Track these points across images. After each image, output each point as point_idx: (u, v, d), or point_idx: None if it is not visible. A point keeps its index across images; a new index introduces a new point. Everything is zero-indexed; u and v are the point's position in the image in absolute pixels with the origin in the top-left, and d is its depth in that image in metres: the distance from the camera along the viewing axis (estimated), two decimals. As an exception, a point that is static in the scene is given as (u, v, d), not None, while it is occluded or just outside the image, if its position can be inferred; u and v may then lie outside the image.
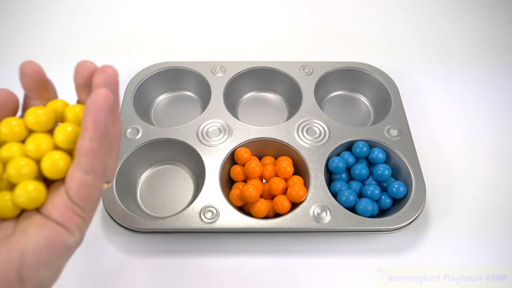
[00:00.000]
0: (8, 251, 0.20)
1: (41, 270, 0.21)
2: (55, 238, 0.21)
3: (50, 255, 0.21)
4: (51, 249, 0.21)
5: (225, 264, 0.41)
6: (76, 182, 0.21)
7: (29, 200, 0.21)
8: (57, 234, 0.21)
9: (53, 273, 0.22)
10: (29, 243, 0.20)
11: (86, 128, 0.21)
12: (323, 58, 0.61)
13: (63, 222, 0.21)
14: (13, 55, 0.61)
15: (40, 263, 0.20)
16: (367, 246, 0.42)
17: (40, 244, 0.20)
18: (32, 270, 0.20)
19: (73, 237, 0.22)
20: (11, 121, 0.23)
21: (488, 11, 0.69)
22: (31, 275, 0.20)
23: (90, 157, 0.21)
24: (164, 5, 0.69)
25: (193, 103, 0.54)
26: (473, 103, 0.56)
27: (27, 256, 0.20)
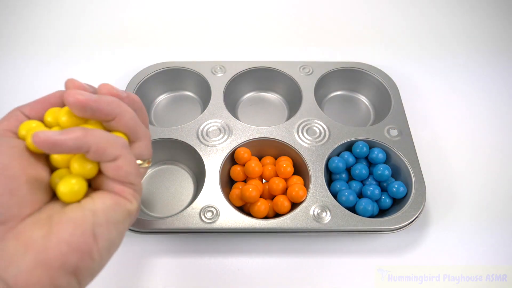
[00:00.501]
0: (83, 211, 0.23)
1: (110, 228, 0.23)
2: (118, 202, 0.24)
3: (116, 215, 0.24)
4: (116, 210, 0.24)
5: (225, 264, 0.41)
6: (110, 169, 0.24)
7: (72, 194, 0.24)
8: (118, 199, 0.24)
9: (119, 234, 0.24)
10: (98, 205, 0.23)
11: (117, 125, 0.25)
12: (323, 58, 0.61)
13: (119, 192, 0.24)
14: (13, 54, 0.61)
15: (109, 222, 0.23)
16: (367, 246, 0.42)
17: (107, 206, 0.23)
18: (103, 228, 0.23)
19: (132, 204, 0.25)
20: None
21: (491, 12, 0.69)
22: (102, 232, 0.23)
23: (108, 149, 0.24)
24: (164, 5, 0.69)
25: (193, 103, 0.54)
26: (473, 103, 0.56)
27: (98, 215, 0.23)
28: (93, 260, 0.22)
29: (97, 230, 0.22)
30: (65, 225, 0.22)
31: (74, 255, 0.21)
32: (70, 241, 0.21)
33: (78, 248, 0.22)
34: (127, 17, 0.67)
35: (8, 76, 0.58)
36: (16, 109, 0.26)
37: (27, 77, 0.58)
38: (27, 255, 0.21)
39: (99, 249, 0.23)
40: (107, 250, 0.23)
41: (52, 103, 0.27)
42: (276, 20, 0.68)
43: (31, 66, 0.59)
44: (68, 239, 0.21)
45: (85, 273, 0.22)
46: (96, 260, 0.23)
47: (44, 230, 0.21)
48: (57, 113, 0.26)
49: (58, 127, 0.26)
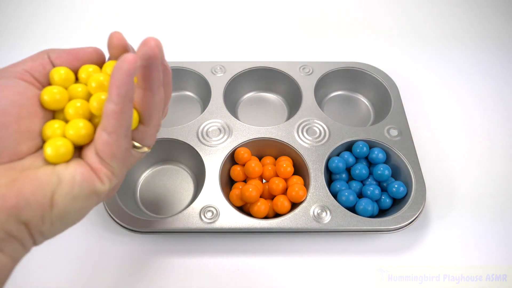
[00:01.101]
0: (51, 173, 0.23)
1: (69, 201, 0.23)
2: (87, 178, 0.24)
3: (80, 190, 0.23)
4: (82, 186, 0.23)
5: (225, 264, 0.41)
6: (100, 141, 0.24)
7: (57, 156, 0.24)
8: (90, 176, 0.24)
9: (79, 209, 0.24)
10: (66, 175, 0.23)
11: (110, 92, 0.23)
12: (323, 58, 0.61)
13: (94, 168, 0.24)
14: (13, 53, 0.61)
15: (70, 194, 0.23)
16: (367, 246, 0.42)
17: (75, 178, 0.23)
18: (62, 198, 0.23)
19: (102, 185, 0.24)
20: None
21: (492, 11, 0.69)
22: (60, 202, 0.23)
23: (112, 119, 0.23)
24: (164, 5, 0.69)
25: (193, 103, 0.54)
26: (473, 103, 0.56)
27: (62, 185, 0.23)
28: (43, 223, 0.23)
29: (56, 198, 0.23)
30: (30, 182, 0.22)
31: (27, 211, 0.22)
32: (28, 198, 0.22)
33: (32, 207, 0.22)
34: (127, 18, 0.67)
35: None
36: (45, 51, 0.26)
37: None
38: None
39: (52, 216, 0.23)
40: (60, 220, 0.24)
41: (79, 58, 0.27)
42: (276, 20, 0.68)
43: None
44: (27, 195, 0.22)
45: (35, 230, 0.23)
46: (46, 225, 0.23)
47: (9, 179, 0.22)
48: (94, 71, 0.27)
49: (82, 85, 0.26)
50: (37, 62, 0.26)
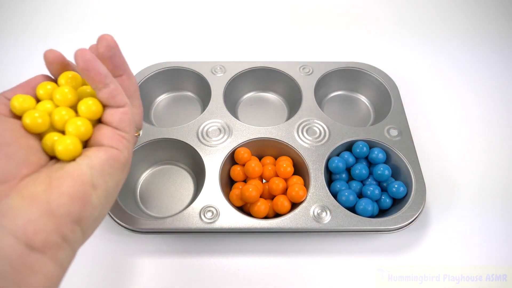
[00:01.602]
0: (79, 165, 0.24)
1: (107, 178, 0.25)
2: (111, 155, 0.26)
3: (110, 167, 0.26)
4: (110, 162, 0.26)
5: (225, 264, 0.41)
6: (117, 113, 0.27)
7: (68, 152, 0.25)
8: (112, 152, 0.26)
9: (116, 184, 0.27)
10: (93, 160, 0.25)
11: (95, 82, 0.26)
12: (323, 58, 0.61)
13: (114, 145, 0.26)
14: (15, 53, 0.61)
15: (105, 173, 0.25)
16: (367, 246, 0.42)
17: (102, 159, 0.25)
18: (100, 178, 0.25)
19: (123, 154, 0.27)
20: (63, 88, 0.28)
21: (493, 11, 0.69)
22: (100, 182, 0.25)
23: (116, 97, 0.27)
24: (164, 5, 0.69)
25: (193, 103, 0.54)
26: (473, 103, 0.56)
27: (94, 168, 0.25)
28: (93, 207, 0.24)
29: (95, 180, 0.24)
30: (65, 179, 0.23)
31: (76, 204, 0.23)
32: (70, 192, 0.23)
33: (78, 197, 0.23)
34: (127, 18, 0.67)
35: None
36: (0, 94, 0.28)
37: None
38: (32, 207, 0.22)
39: (98, 197, 0.24)
40: (105, 198, 0.25)
41: (32, 86, 0.28)
42: (276, 20, 0.68)
43: (29, 60, 0.59)
44: (68, 190, 0.23)
45: (87, 221, 0.24)
46: (96, 207, 0.24)
47: (44, 185, 0.23)
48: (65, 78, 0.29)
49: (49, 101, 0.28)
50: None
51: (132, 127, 0.28)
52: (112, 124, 0.27)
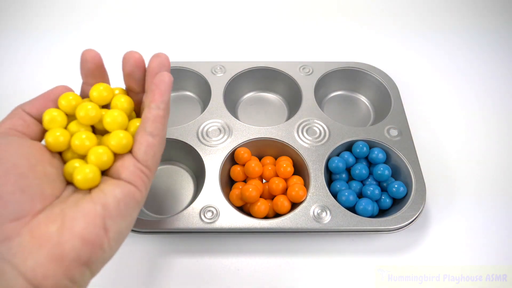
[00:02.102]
0: (93, 204, 0.23)
1: (119, 220, 0.24)
2: (128, 194, 0.25)
3: (125, 207, 0.25)
4: (126, 202, 0.25)
5: (225, 264, 0.41)
6: (145, 144, 0.26)
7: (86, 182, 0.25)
8: (129, 190, 0.25)
9: (128, 224, 0.26)
10: (108, 198, 0.24)
11: (153, 100, 0.27)
12: (323, 58, 0.61)
13: (132, 181, 0.25)
14: (15, 57, 0.61)
15: (118, 214, 0.24)
16: (367, 246, 0.42)
17: (118, 198, 0.24)
18: (113, 220, 0.24)
19: (141, 193, 0.26)
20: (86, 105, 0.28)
21: (493, 11, 0.69)
22: (112, 225, 0.24)
23: (157, 123, 0.27)
24: (164, 5, 0.69)
25: (193, 103, 0.54)
26: (474, 103, 0.56)
27: (108, 209, 0.24)
28: (104, 252, 0.24)
29: (107, 223, 0.23)
30: (78, 220, 0.23)
31: (87, 248, 0.22)
32: (82, 235, 0.22)
33: (90, 242, 0.23)
34: (127, 18, 0.67)
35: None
36: (18, 107, 0.27)
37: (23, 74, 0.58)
38: (42, 249, 0.21)
39: (110, 241, 0.24)
40: (117, 241, 0.25)
41: (52, 99, 0.28)
42: (276, 20, 0.68)
43: (25, 62, 0.59)
44: (81, 233, 0.22)
45: (97, 263, 0.24)
46: (107, 251, 0.24)
47: (57, 225, 0.22)
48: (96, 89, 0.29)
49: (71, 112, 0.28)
50: (15, 118, 0.26)
51: (155, 163, 0.28)
52: (136, 154, 0.26)
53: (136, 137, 0.27)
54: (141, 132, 0.27)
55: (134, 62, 0.29)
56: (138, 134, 0.27)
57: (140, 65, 0.30)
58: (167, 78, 0.27)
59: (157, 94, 0.27)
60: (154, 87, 0.27)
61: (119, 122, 0.28)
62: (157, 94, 0.27)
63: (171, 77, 0.28)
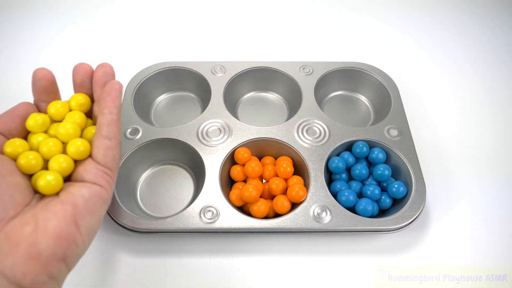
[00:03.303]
0: (63, 204, 0.25)
1: (88, 217, 0.26)
2: (94, 193, 0.27)
3: (93, 205, 0.27)
4: (94, 201, 0.27)
5: (225, 264, 0.41)
6: (103, 147, 0.28)
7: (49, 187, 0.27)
8: (95, 190, 0.27)
9: (97, 220, 0.28)
10: (77, 198, 0.26)
11: (106, 106, 0.29)
12: (323, 58, 0.61)
13: (97, 181, 0.28)
14: (13, 57, 0.61)
15: (87, 212, 0.26)
16: (367, 246, 0.42)
17: (86, 197, 0.26)
18: (83, 217, 0.26)
19: (107, 191, 0.28)
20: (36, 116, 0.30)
21: (492, 13, 0.69)
22: (83, 221, 0.26)
23: (111, 127, 0.29)
24: (164, 5, 0.69)
25: (193, 103, 0.54)
26: (474, 103, 0.56)
27: (77, 207, 0.26)
28: (77, 246, 0.26)
29: (78, 220, 0.25)
30: (50, 220, 0.24)
31: (61, 244, 0.24)
32: (56, 232, 0.24)
33: (63, 238, 0.24)
34: (128, 18, 0.67)
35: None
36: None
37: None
38: (19, 249, 0.23)
39: (82, 236, 0.26)
40: (88, 236, 0.27)
41: (18, 114, 0.30)
42: (276, 20, 0.68)
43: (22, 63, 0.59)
44: (54, 231, 0.24)
45: (72, 258, 0.26)
46: (80, 246, 0.26)
47: (31, 227, 0.24)
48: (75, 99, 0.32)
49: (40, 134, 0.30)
50: None
51: (116, 163, 0.30)
52: (96, 158, 0.28)
53: (94, 142, 0.29)
54: (98, 137, 0.29)
55: (84, 73, 0.32)
56: (95, 139, 0.29)
57: (90, 75, 0.32)
58: (117, 86, 0.30)
59: (109, 100, 0.29)
60: (106, 95, 0.29)
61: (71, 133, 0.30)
62: (109, 100, 0.29)
63: (121, 84, 0.30)
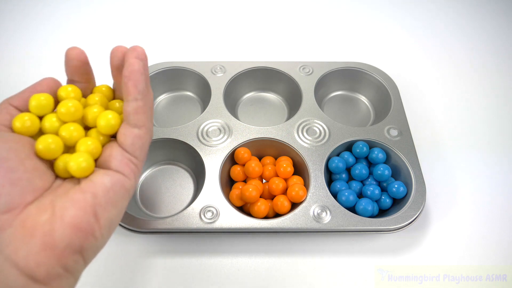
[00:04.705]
0: (83, 194, 0.24)
1: (109, 208, 0.24)
2: (117, 182, 0.25)
3: (115, 195, 0.25)
4: (115, 191, 0.25)
5: (225, 264, 0.41)
6: (131, 136, 0.26)
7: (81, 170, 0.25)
8: (118, 179, 0.25)
9: (119, 212, 0.26)
10: (98, 187, 0.24)
11: (129, 92, 0.26)
12: (323, 58, 0.61)
13: (121, 170, 0.26)
14: (14, 59, 0.61)
15: (108, 202, 0.24)
16: (367, 246, 0.42)
17: (107, 187, 0.24)
18: (103, 208, 0.24)
19: (130, 181, 0.26)
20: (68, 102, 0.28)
21: (490, 11, 0.69)
22: (103, 212, 0.24)
23: (139, 114, 0.26)
24: (164, 5, 0.69)
25: (193, 103, 0.54)
26: (473, 103, 0.56)
27: (98, 197, 0.24)
28: (96, 239, 0.24)
29: (98, 211, 0.24)
30: (68, 208, 0.23)
31: (78, 235, 0.23)
32: (73, 223, 0.22)
33: (81, 229, 0.23)
34: (128, 18, 0.67)
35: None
36: (5, 101, 0.27)
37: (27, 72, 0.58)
38: (34, 238, 0.22)
39: (101, 228, 0.24)
40: (108, 228, 0.25)
41: (39, 91, 0.28)
42: (276, 20, 0.68)
43: (26, 62, 0.59)
44: (72, 221, 0.22)
45: (89, 251, 0.24)
46: (99, 239, 0.24)
47: (48, 214, 0.22)
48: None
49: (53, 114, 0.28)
50: (2, 113, 0.26)
51: (144, 153, 0.27)
52: (123, 145, 0.26)
53: (121, 130, 0.27)
54: (125, 125, 0.27)
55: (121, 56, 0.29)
56: (123, 127, 0.27)
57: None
58: (136, 66, 0.26)
59: (131, 86, 0.26)
60: (126, 80, 0.26)
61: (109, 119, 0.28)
62: (131, 86, 0.26)
63: (140, 62, 0.26)
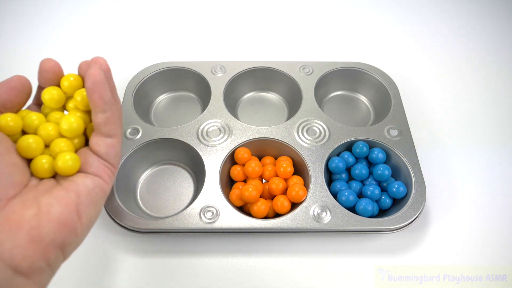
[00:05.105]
0: (67, 192, 0.25)
1: (90, 207, 0.26)
2: (97, 185, 0.27)
3: (96, 196, 0.27)
4: (96, 192, 0.27)
5: (225, 264, 0.41)
6: (105, 145, 0.28)
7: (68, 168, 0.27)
8: (98, 182, 0.27)
9: (97, 212, 0.28)
10: (81, 187, 0.26)
11: (95, 104, 0.27)
12: (323, 58, 0.61)
13: (99, 174, 0.28)
14: (14, 57, 0.61)
15: (90, 202, 0.26)
16: (367, 246, 0.42)
17: (89, 188, 0.26)
18: (85, 207, 0.26)
19: (108, 185, 0.28)
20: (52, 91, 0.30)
21: (490, 11, 0.69)
22: (84, 211, 0.26)
23: (110, 125, 0.28)
24: (164, 5, 0.69)
25: (193, 103, 0.54)
26: (474, 103, 0.56)
27: (81, 196, 0.26)
28: (77, 235, 0.25)
29: (80, 209, 0.25)
30: (54, 205, 0.24)
31: (62, 232, 0.24)
32: (59, 219, 0.24)
33: (65, 226, 0.24)
34: (128, 18, 0.67)
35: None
36: None
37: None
38: (20, 232, 0.22)
39: (82, 225, 0.26)
40: (87, 226, 0.27)
41: (12, 86, 0.28)
42: (276, 20, 0.68)
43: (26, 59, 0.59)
44: (57, 217, 0.24)
45: (69, 247, 0.25)
46: (79, 235, 0.26)
47: (34, 210, 0.23)
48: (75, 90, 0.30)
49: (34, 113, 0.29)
50: None
51: (118, 159, 0.29)
52: (98, 154, 0.28)
53: (94, 139, 0.28)
54: (97, 135, 0.28)
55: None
56: (95, 137, 0.28)
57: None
58: (98, 77, 0.26)
59: (96, 98, 0.27)
60: (90, 92, 0.26)
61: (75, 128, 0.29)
62: (96, 98, 0.27)
63: (101, 73, 0.27)
